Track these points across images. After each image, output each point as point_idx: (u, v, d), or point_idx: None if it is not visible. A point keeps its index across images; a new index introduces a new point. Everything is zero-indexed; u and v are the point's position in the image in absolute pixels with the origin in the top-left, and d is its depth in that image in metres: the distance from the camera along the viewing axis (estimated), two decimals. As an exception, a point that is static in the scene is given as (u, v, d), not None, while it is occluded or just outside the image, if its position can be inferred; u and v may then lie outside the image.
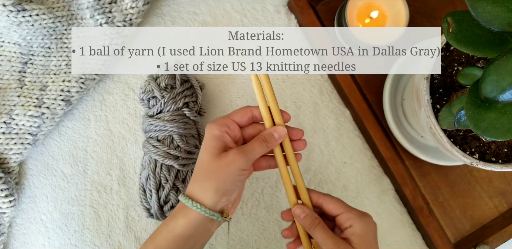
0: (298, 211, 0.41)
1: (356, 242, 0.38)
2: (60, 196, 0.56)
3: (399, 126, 0.54)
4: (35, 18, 0.52)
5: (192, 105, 0.52)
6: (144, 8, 0.54)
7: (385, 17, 0.53)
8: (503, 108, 0.31)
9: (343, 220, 0.40)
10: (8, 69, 0.55)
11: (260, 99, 0.42)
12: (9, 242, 0.56)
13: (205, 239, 0.41)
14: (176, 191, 0.51)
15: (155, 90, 0.51)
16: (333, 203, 0.41)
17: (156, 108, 0.51)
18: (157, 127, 0.50)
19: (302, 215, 0.41)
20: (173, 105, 0.51)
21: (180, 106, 0.51)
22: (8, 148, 0.53)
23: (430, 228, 0.55)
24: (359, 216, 0.40)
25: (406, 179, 0.55)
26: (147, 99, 0.52)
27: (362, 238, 0.39)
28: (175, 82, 0.52)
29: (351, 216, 0.39)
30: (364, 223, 0.39)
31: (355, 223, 0.39)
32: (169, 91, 0.51)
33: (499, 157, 0.45)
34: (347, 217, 0.40)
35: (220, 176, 0.39)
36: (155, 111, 0.51)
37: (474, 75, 0.37)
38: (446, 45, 0.45)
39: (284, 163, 0.43)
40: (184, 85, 0.52)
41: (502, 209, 0.58)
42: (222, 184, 0.39)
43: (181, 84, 0.52)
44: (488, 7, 0.28)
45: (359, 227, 0.39)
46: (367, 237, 0.39)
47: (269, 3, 0.59)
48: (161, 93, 0.51)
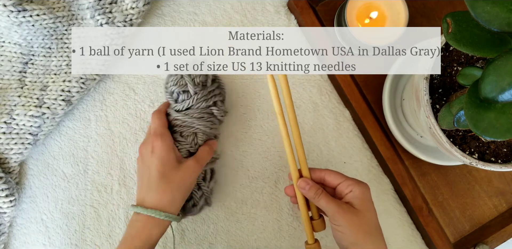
0: (302, 184, 0.45)
1: (356, 203, 0.43)
2: (61, 195, 0.56)
3: (398, 125, 0.55)
4: (36, 19, 0.52)
5: (220, 105, 0.52)
6: (145, 8, 0.54)
7: (385, 17, 0.53)
8: (502, 109, 0.31)
9: (343, 187, 0.44)
10: (8, 70, 0.56)
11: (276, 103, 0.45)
12: (10, 242, 0.56)
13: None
14: (198, 188, 0.52)
15: (189, 85, 0.50)
16: (334, 174, 0.45)
17: (187, 104, 0.50)
18: (184, 123, 0.50)
19: (307, 187, 0.45)
20: (204, 102, 0.50)
21: (210, 105, 0.51)
22: (8, 148, 0.53)
23: (429, 228, 0.55)
24: (357, 182, 0.44)
25: (406, 178, 0.55)
26: (177, 92, 0.51)
27: (361, 200, 0.43)
28: (207, 80, 0.51)
29: (351, 182, 0.44)
30: (363, 188, 0.44)
31: (355, 188, 0.43)
32: (202, 88, 0.50)
33: (499, 157, 0.45)
34: (347, 183, 0.44)
35: (187, 187, 0.46)
36: (185, 106, 0.50)
37: (474, 76, 0.37)
38: (445, 45, 0.45)
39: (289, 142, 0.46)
40: (213, 84, 0.51)
41: (501, 209, 0.58)
42: (187, 194, 0.47)
43: (211, 83, 0.52)
44: (487, 7, 0.28)
45: (359, 191, 0.43)
46: (366, 199, 0.44)
47: (269, 3, 0.59)
48: (194, 89, 0.50)
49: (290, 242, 0.56)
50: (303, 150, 0.46)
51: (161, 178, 0.45)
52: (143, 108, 0.57)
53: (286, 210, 0.57)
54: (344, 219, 0.42)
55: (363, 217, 0.42)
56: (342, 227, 0.42)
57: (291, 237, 0.56)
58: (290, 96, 0.45)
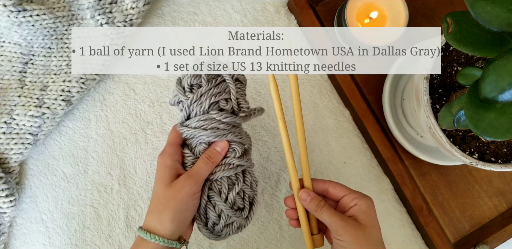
0: (304, 195, 0.43)
1: (361, 218, 0.41)
2: (61, 195, 0.56)
3: (398, 125, 0.55)
4: (36, 19, 0.52)
5: (224, 104, 0.44)
6: (145, 8, 0.54)
7: (385, 17, 0.53)
8: (502, 109, 0.31)
9: (348, 200, 0.42)
10: (8, 70, 0.56)
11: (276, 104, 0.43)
12: (10, 242, 0.56)
13: None
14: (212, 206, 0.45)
15: (179, 94, 0.44)
16: (338, 186, 0.44)
17: (183, 114, 0.44)
18: (187, 136, 0.44)
19: (308, 199, 0.43)
20: (199, 108, 0.43)
21: (206, 108, 0.43)
22: (8, 148, 0.53)
23: (429, 228, 0.55)
24: (363, 196, 0.43)
25: (406, 178, 0.55)
26: (175, 104, 0.46)
27: (367, 214, 0.41)
28: (201, 82, 0.44)
29: (356, 196, 0.42)
30: (369, 202, 0.42)
31: (360, 202, 0.42)
32: (192, 93, 0.44)
33: (499, 157, 0.45)
34: (352, 197, 0.42)
35: (174, 205, 0.41)
36: (185, 117, 0.44)
37: (474, 76, 0.37)
38: (445, 45, 0.45)
39: (291, 152, 0.44)
40: (212, 82, 0.43)
41: (501, 209, 0.58)
42: (177, 213, 0.41)
43: (208, 81, 0.43)
44: (487, 7, 0.28)
45: (364, 205, 0.42)
46: (371, 214, 0.42)
47: (269, 3, 0.59)
48: (185, 96, 0.44)
49: (291, 242, 0.56)
50: (307, 159, 0.44)
51: (153, 198, 0.42)
52: (143, 108, 0.57)
53: (286, 210, 0.57)
54: (348, 234, 0.40)
55: (368, 232, 0.40)
56: (345, 242, 0.40)
57: (292, 237, 0.56)
58: (299, 99, 0.42)
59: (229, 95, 0.44)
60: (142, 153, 0.57)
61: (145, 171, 0.57)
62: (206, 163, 0.43)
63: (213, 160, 0.43)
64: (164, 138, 0.57)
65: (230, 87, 0.44)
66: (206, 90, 0.43)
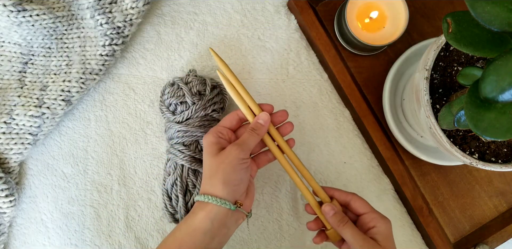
0: (327, 209, 0.45)
1: (381, 240, 0.42)
2: (61, 195, 0.56)
3: (398, 125, 0.54)
4: (36, 18, 0.52)
5: (218, 111, 0.53)
6: (145, 8, 0.54)
7: (385, 17, 0.53)
8: (502, 109, 0.31)
9: (367, 219, 0.44)
10: (8, 69, 0.55)
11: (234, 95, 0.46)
12: (10, 242, 0.56)
13: (223, 235, 0.43)
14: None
15: (187, 95, 0.51)
16: (360, 202, 0.45)
17: (187, 115, 0.50)
18: (186, 133, 0.50)
19: (331, 213, 0.44)
20: (203, 111, 0.51)
21: (209, 113, 0.51)
22: (8, 148, 0.53)
23: (429, 228, 0.55)
24: (382, 217, 0.44)
25: (406, 179, 0.55)
26: (175, 104, 0.52)
27: (386, 237, 0.43)
28: (205, 88, 0.52)
29: (375, 216, 0.44)
30: (387, 224, 0.44)
31: (379, 223, 0.43)
32: (200, 98, 0.51)
33: (499, 157, 0.45)
34: (371, 216, 0.44)
35: (223, 169, 0.42)
36: (184, 117, 0.51)
37: (474, 75, 0.37)
38: (445, 45, 0.45)
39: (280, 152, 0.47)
40: (213, 92, 0.52)
41: (501, 209, 0.58)
42: (227, 175, 0.42)
43: (211, 90, 0.52)
44: (487, 7, 0.28)
45: (383, 227, 0.43)
46: (389, 236, 0.43)
47: (269, 3, 0.59)
48: (192, 99, 0.51)
49: (291, 242, 0.56)
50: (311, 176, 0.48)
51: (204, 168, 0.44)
52: (143, 108, 0.57)
53: (287, 210, 0.57)
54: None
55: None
56: None
57: (292, 237, 0.56)
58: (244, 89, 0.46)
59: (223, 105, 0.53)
60: (142, 153, 0.57)
61: (145, 171, 0.57)
62: (251, 134, 0.45)
63: (258, 131, 0.45)
64: (164, 138, 0.57)
65: (225, 99, 0.54)
66: (210, 98, 0.51)
